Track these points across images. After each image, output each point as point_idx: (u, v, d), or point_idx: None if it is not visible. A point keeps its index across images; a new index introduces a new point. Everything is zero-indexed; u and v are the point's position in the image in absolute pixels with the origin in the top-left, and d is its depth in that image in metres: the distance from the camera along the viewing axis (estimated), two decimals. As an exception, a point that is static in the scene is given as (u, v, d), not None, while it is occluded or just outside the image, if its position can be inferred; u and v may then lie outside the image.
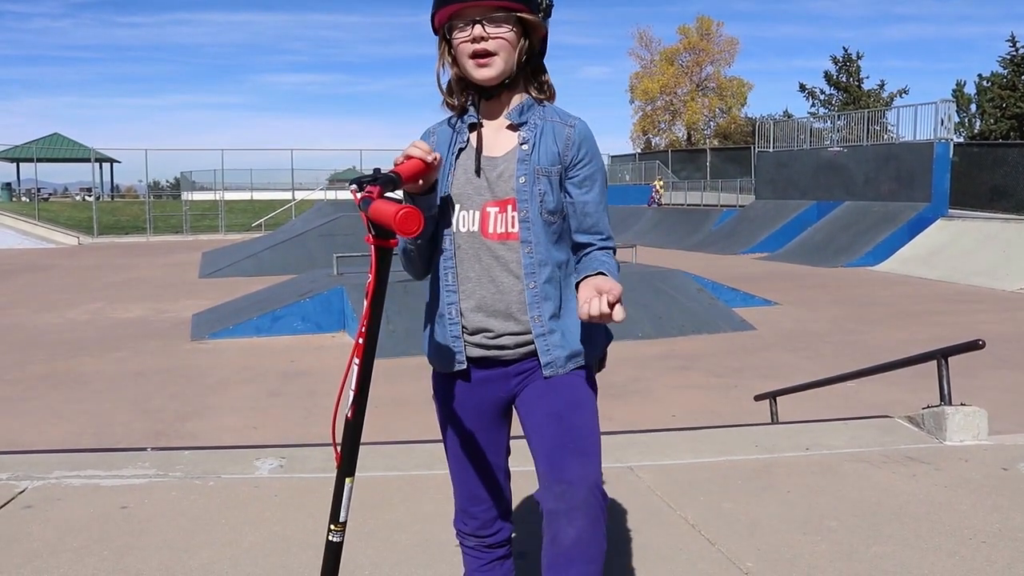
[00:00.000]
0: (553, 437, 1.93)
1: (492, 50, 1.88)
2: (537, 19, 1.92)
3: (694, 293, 12.96)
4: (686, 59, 54.32)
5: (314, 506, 3.35)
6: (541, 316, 1.96)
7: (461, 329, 2.00)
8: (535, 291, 1.95)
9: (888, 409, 5.27)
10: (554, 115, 2.00)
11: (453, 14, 1.89)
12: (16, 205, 40.08)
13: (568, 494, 1.87)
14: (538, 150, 1.96)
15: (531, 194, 1.94)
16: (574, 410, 1.96)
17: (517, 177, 1.95)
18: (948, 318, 13.13)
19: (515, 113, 1.99)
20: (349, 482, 1.81)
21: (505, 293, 1.96)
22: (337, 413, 1.76)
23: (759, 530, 3.16)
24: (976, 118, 43.97)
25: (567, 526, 1.86)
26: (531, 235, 1.95)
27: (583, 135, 1.99)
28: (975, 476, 3.76)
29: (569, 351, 1.98)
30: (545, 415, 1.96)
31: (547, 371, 1.97)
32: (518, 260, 1.95)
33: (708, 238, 29.65)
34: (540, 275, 1.95)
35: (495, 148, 1.99)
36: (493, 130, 2.00)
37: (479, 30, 1.86)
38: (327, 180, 45.75)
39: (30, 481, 3.66)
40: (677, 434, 4.77)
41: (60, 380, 9.11)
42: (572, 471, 1.88)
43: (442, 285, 2.01)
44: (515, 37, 1.90)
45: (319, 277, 13.69)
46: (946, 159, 22.96)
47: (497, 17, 1.87)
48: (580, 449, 1.91)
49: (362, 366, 1.74)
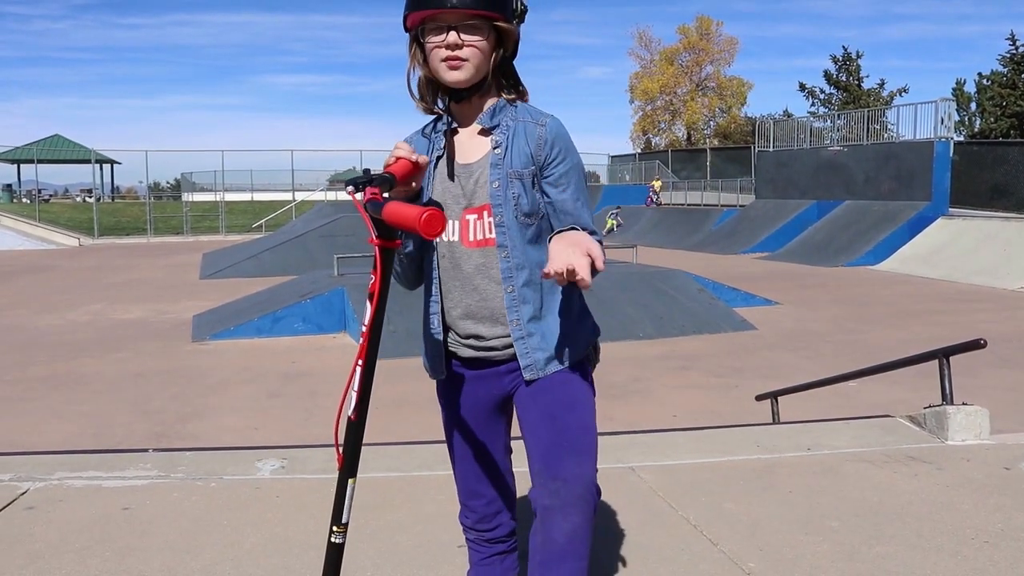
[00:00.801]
0: (548, 436, 1.94)
1: (465, 57, 1.86)
2: (512, 26, 1.91)
3: (695, 293, 12.96)
4: (686, 59, 54.35)
5: (316, 507, 3.35)
6: (520, 319, 1.96)
7: (444, 338, 2.03)
8: (513, 295, 1.95)
9: (889, 409, 5.27)
10: (526, 115, 1.98)
11: (427, 18, 1.87)
12: (17, 206, 40.09)
13: (563, 491, 1.88)
14: (510, 153, 1.94)
15: (505, 198, 1.93)
16: (568, 409, 1.96)
17: (491, 182, 1.94)
18: (949, 317, 13.13)
19: (487, 117, 1.97)
20: (351, 483, 1.81)
21: (489, 299, 1.97)
22: (341, 414, 1.76)
23: (761, 530, 3.16)
24: (976, 117, 43.96)
25: (562, 521, 1.87)
26: (507, 239, 1.94)
27: (555, 133, 1.96)
28: (977, 476, 3.75)
29: (548, 353, 1.97)
30: (539, 415, 1.97)
31: (527, 374, 1.97)
32: (497, 265, 1.96)
33: (708, 238, 29.65)
34: (518, 279, 1.95)
35: (469, 154, 1.98)
36: (467, 136, 1.99)
37: (454, 37, 1.85)
38: (327, 181, 45.71)
39: (32, 482, 3.66)
40: (679, 434, 4.76)
41: (61, 381, 9.12)
42: (567, 469, 1.89)
43: (430, 297, 2.04)
44: (488, 46, 1.89)
45: (320, 278, 13.69)
46: (946, 158, 22.97)
47: (472, 25, 1.85)
48: (575, 448, 1.92)
49: (364, 367, 1.74)
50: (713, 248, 27.46)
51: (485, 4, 1.85)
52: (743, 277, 17.52)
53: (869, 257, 21.70)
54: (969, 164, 24.92)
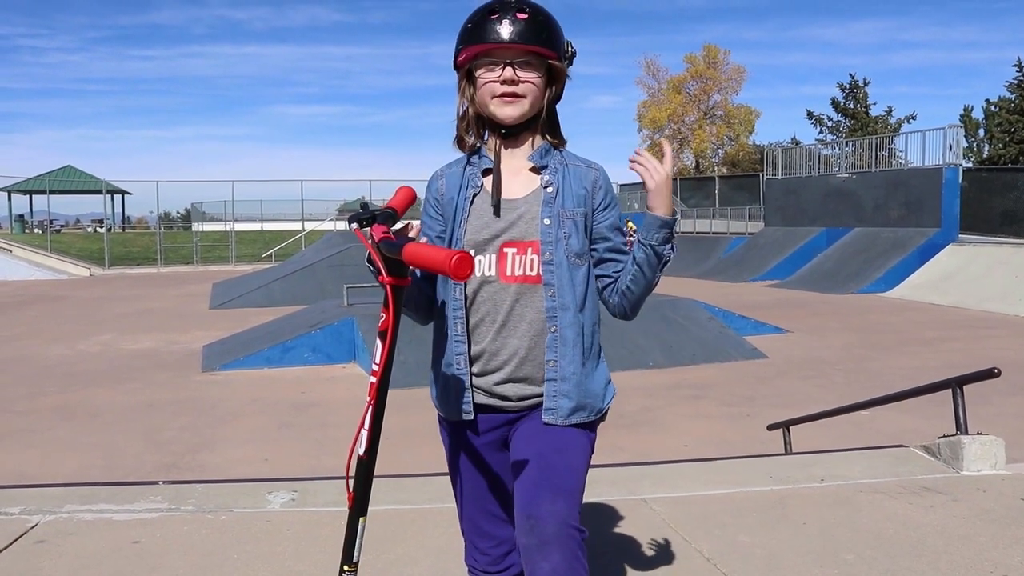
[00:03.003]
0: (532, 475, 1.91)
1: (521, 93, 1.89)
2: (563, 67, 1.94)
3: (704, 321, 12.92)
4: (693, 87, 54.59)
5: (327, 540, 3.34)
6: (558, 362, 1.94)
7: (470, 379, 1.99)
8: (555, 335, 1.94)
9: (902, 438, 5.23)
10: (575, 160, 2.02)
11: (483, 52, 1.89)
12: (29, 237, 40.40)
13: (537, 528, 1.82)
14: (563, 193, 1.96)
15: (556, 236, 1.93)
16: (558, 452, 1.93)
17: (542, 219, 1.94)
18: (961, 344, 13.05)
19: (536, 156, 1.99)
20: (362, 521, 1.80)
21: (520, 337, 1.95)
22: (352, 452, 1.76)
23: (775, 563, 3.13)
24: (984, 143, 43.99)
25: (541, 561, 1.81)
26: (555, 278, 1.94)
27: (606, 179, 2.02)
28: (994, 507, 3.71)
29: (575, 403, 1.96)
30: (531, 455, 1.94)
31: (547, 416, 1.95)
32: (539, 304, 1.94)
33: (717, 266, 29.62)
34: (562, 319, 1.94)
35: (514, 190, 1.98)
36: (512, 172, 1.99)
37: (510, 72, 1.87)
38: (336, 210, 45.94)
39: (42, 515, 3.66)
40: (690, 465, 4.73)
41: (71, 412, 9.12)
42: (542, 507, 1.84)
43: (451, 334, 2.00)
44: (543, 83, 1.92)
45: (329, 308, 13.71)
46: (955, 184, 22.96)
47: (528, 62, 1.88)
48: (553, 486, 1.87)
49: (375, 406, 1.74)
50: (722, 276, 27.41)
51: (542, 42, 1.88)
52: (753, 305, 17.47)
53: (879, 284, 21.63)
54: (979, 190, 24.88)
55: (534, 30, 1.88)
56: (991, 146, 42.26)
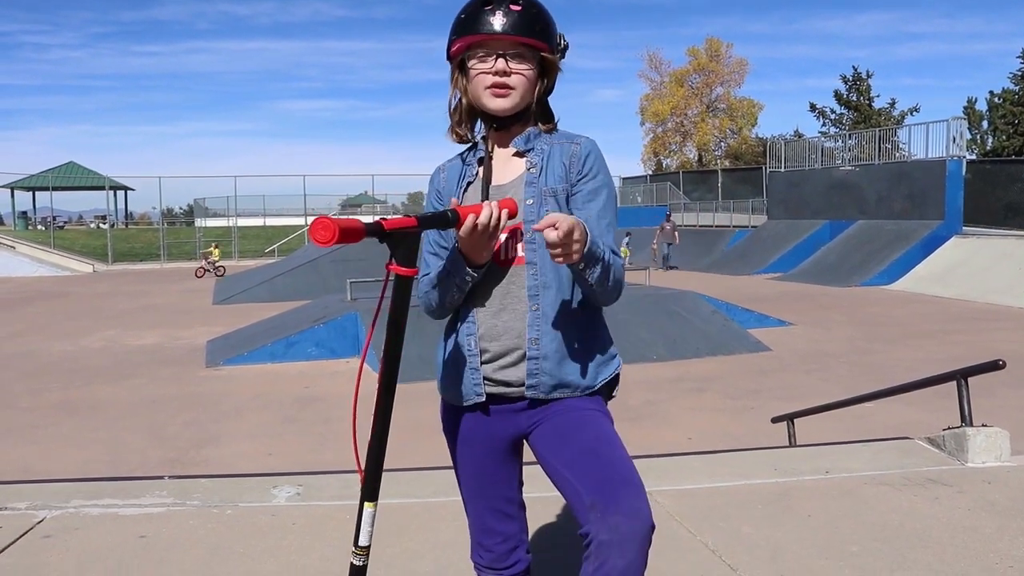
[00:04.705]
0: (599, 470, 1.88)
1: (512, 85, 1.89)
2: (555, 59, 1.94)
3: (708, 315, 12.92)
4: (696, 80, 54.53)
5: (333, 534, 3.34)
6: (539, 340, 1.93)
7: (480, 362, 1.98)
8: (537, 312, 1.93)
9: (906, 430, 5.23)
10: (560, 138, 2.00)
11: (475, 44, 1.89)
12: (32, 233, 40.48)
13: (624, 526, 1.80)
14: (545, 172, 1.95)
15: (538, 215, 1.91)
16: (607, 444, 1.92)
17: (524, 200, 1.94)
18: (965, 337, 13.04)
19: (521, 141, 1.98)
20: (370, 507, 1.81)
21: (518, 319, 1.95)
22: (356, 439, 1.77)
23: (780, 555, 3.13)
24: (988, 135, 43.89)
25: (618, 558, 1.79)
26: (536, 256, 1.93)
27: (589, 149, 1.97)
28: (999, 499, 3.71)
29: (558, 380, 1.94)
30: (579, 452, 1.91)
31: (529, 392, 1.94)
32: (524, 283, 1.94)
33: (721, 259, 29.60)
34: (544, 297, 1.93)
35: (503, 176, 1.99)
36: (501, 161, 2.00)
37: (502, 64, 1.87)
38: (340, 205, 45.96)
39: (48, 510, 3.66)
40: (695, 458, 4.73)
41: (75, 408, 9.14)
42: (627, 503, 1.82)
43: (460, 318, 2.00)
44: (534, 75, 1.92)
45: (332, 303, 13.72)
46: (959, 176, 22.91)
47: (520, 54, 1.88)
48: (629, 480, 1.86)
49: (383, 395, 1.74)
50: (725, 269, 27.40)
51: (534, 33, 1.88)
52: (756, 298, 17.47)
53: (883, 277, 21.60)
54: (982, 183, 24.86)
55: (527, 22, 1.88)
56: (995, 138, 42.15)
